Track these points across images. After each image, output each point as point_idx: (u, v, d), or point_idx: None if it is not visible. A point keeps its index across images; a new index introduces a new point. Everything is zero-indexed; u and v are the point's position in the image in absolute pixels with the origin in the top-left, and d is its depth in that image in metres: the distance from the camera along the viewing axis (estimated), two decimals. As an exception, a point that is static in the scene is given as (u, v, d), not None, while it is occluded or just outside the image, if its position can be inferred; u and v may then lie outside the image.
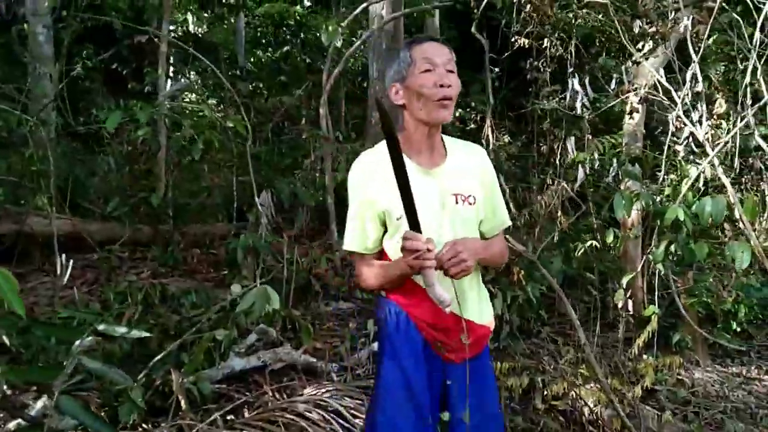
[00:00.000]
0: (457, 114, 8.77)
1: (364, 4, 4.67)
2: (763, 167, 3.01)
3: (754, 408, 3.56)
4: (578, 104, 3.78)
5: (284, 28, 9.79)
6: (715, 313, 4.00)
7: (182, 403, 2.57)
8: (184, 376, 2.71)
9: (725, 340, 3.86)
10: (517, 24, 5.24)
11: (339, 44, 3.93)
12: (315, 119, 5.29)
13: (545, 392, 3.25)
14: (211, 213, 5.29)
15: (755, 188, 3.95)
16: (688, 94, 3.22)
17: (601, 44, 4.51)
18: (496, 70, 8.73)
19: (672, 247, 3.22)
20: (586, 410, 3.10)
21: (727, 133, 3.09)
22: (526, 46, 4.68)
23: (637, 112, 4.16)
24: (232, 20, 9.61)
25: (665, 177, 3.30)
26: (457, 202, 1.72)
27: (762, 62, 3.07)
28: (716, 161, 3.06)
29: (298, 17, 8.87)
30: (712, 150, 3.07)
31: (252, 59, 10.12)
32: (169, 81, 6.26)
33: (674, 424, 3.04)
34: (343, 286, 4.45)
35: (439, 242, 1.62)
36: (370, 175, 1.71)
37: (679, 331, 3.92)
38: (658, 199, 3.29)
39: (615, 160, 4.04)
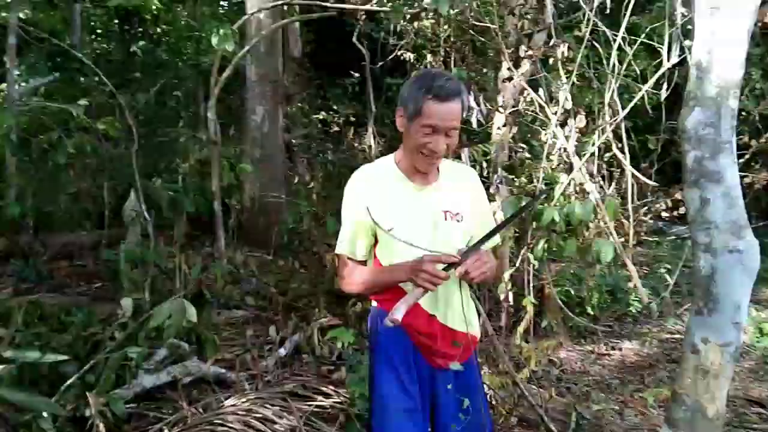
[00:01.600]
0: (321, 117, 8.94)
1: (247, 15, 4.64)
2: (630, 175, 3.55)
3: (608, 379, 4.17)
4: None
5: (133, 21, 9.20)
6: (573, 300, 4.60)
7: (101, 427, 2.43)
8: (94, 398, 2.55)
9: (584, 321, 4.45)
10: (394, 36, 5.55)
11: (231, 48, 3.88)
12: (193, 121, 5.11)
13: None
14: (77, 221, 4.88)
15: (618, 192, 4.61)
16: (556, 112, 3.69)
17: (475, 59, 4.94)
18: (356, 75, 9.05)
19: (545, 244, 3.70)
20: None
21: (592, 145, 3.60)
22: (407, 59, 4.94)
23: (507, 125, 4.63)
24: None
25: (539, 183, 3.74)
26: (446, 219, 1.82)
27: (616, 84, 3.63)
28: (583, 170, 3.55)
29: (155, 11, 8.38)
30: (580, 160, 3.56)
31: (88, 51, 9.32)
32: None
33: (556, 401, 3.48)
34: (234, 294, 4.39)
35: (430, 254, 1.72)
36: (366, 187, 1.82)
37: (545, 317, 4.45)
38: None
39: (487, 168, 4.48)
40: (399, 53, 5.06)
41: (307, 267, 4.99)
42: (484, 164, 4.64)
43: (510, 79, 4.25)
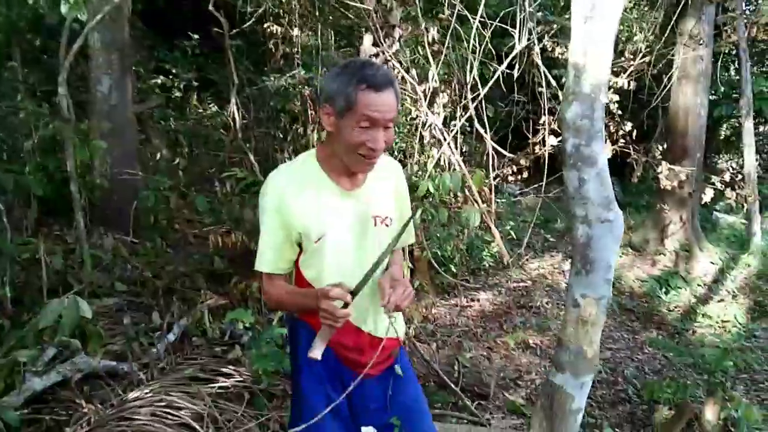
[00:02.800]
0: (160, 82, 8.42)
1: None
2: (490, 149, 3.94)
3: (473, 328, 4.68)
4: None
5: None
6: (439, 260, 5.04)
7: (-1, 441, 2.26)
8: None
9: (447, 278, 4.89)
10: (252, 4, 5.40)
11: (84, 17, 3.54)
12: (33, 94, 4.58)
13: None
14: None
15: (482, 166, 5.05)
16: (425, 90, 3.96)
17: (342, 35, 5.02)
18: (196, 37, 8.62)
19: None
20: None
21: (459, 120, 3.94)
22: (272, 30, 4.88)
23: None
24: None
25: (415, 158, 4.02)
26: (375, 224, 1.69)
27: (477, 64, 3.98)
28: (451, 145, 3.88)
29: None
30: (449, 136, 3.88)
31: None
32: None
33: (436, 353, 3.86)
34: (103, 281, 4.14)
35: (361, 265, 1.60)
36: (289, 192, 1.61)
37: (416, 278, 4.83)
38: (410, 175, 4.01)
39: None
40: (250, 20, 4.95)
41: (176, 247, 4.84)
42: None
43: (376, 55, 4.43)
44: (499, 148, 4.16)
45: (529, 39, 3.98)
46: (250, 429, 2.82)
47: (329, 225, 1.63)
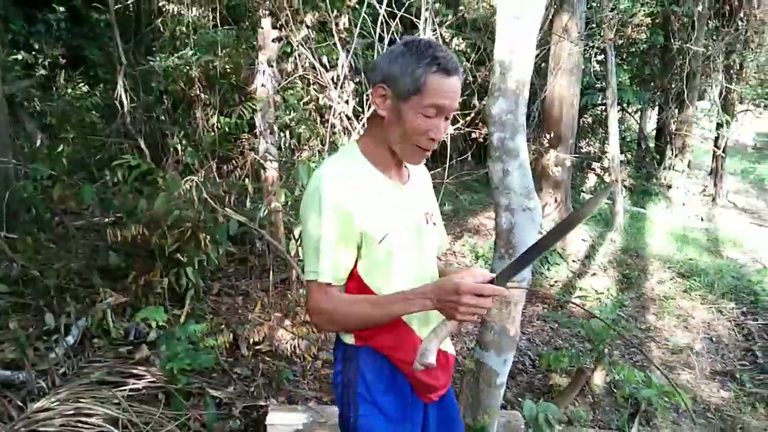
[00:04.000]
0: (20, 58, 7.62)
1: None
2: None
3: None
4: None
5: None
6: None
7: None
8: None
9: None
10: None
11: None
12: None
13: (249, 341, 3.67)
14: None
15: None
16: (333, 77, 3.95)
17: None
18: (62, 9, 7.92)
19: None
20: (288, 346, 3.66)
21: (369, 109, 3.97)
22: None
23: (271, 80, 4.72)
24: None
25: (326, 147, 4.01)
26: (427, 222, 1.54)
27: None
28: (361, 132, 3.92)
29: None
30: (358, 124, 3.92)
31: None
32: None
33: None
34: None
35: (421, 268, 1.49)
36: (347, 187, 1.38)
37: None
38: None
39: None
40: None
41: (60, 243, 4.46)
42: (258, 122, 4.68)
43: (279, 39, 4.34)
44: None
45: (434, 31, 4.10)
46: (171, 430, 2.72)
47: (391, 222, 1.43)
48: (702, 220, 9.57)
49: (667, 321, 5.53)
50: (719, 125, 10.52)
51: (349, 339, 1.48)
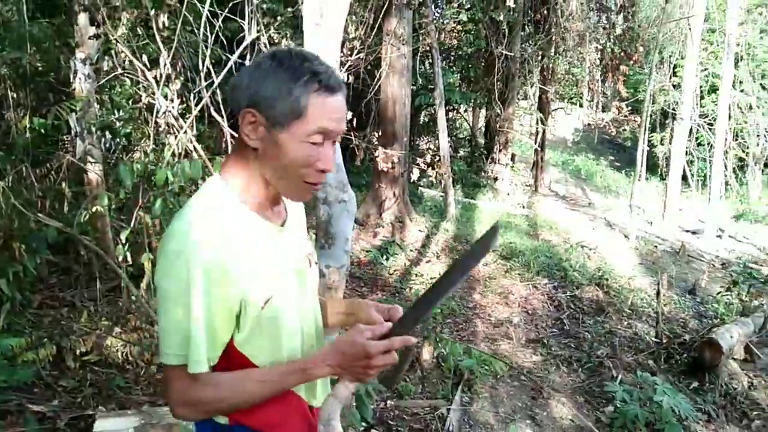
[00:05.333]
0: None
1: None
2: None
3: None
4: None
5: None
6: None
7: None
8: None
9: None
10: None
11: None
12: None
13: (75, 352, 3.51)
14: None
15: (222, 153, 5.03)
16: (156, 75, 3.89)
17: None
18: None
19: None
20: (119, 354, 3.56)
21: (195, 107, 3.95)
22: None
23: (88, 78, 4.50)
24: None
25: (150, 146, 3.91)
26: (310, 265, 1.31)
27: (210, 52, 4.05)
28: (189, 132, 3.91)
29: None
30: (185, 123, 3.90)
31: None
32: None
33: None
34: None
35: (308, 319, 1.28)
36: (220, 247, 1.08)
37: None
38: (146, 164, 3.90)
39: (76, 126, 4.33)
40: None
41: None
42: (72, 123, 4.44)
43: (98, 36, 4.16)
44: (235, 133, 4.30)
45: (258, 30, 4.18)
46: (-16, 452, 2.55)
47: (275, 280, 1.17)
48: (523, 207, 10.64)
49: (490, 298, 6.14)
50: (540, 121, 11.76)
51: (220, 418, 1.18)
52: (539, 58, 11.47)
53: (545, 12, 10.64)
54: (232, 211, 1.14)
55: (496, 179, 11.63)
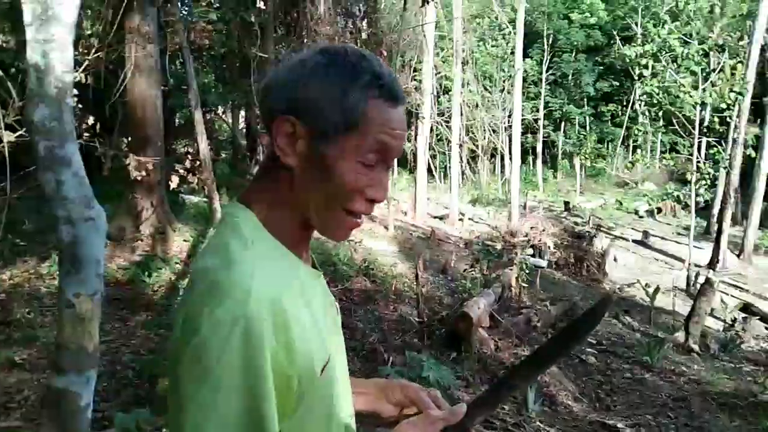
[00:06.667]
0: None
1: None
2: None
3: None
4: None
5: None
6: None
7: None
8: None
9: None
10: None
11: None
12: None
13: None
14: None
15: None
16: None
17: None
18: None
19: None
20: None
21: None
22: None
23: None
24: None
25: None
26: (338, 314, 1.02)
27: None
28: None
29: None
30: None
31: None
32: None
33: None
34: None
35: (346, 386, 0.99)
36: (283, 305, 0.78)
37: None
38: None
39: None
40: None
41: None
42: None
43: None
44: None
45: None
46: None
47: (329, 335, 0.91)
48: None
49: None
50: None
51: None
52: (293, 59, 11.66)
53: (296, 15, 10.85)
54: (274, 256, 0.85)
55: (259, 181, 11.57)
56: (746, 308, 10.11)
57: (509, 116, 21.17)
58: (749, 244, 18.67)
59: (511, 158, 18.54)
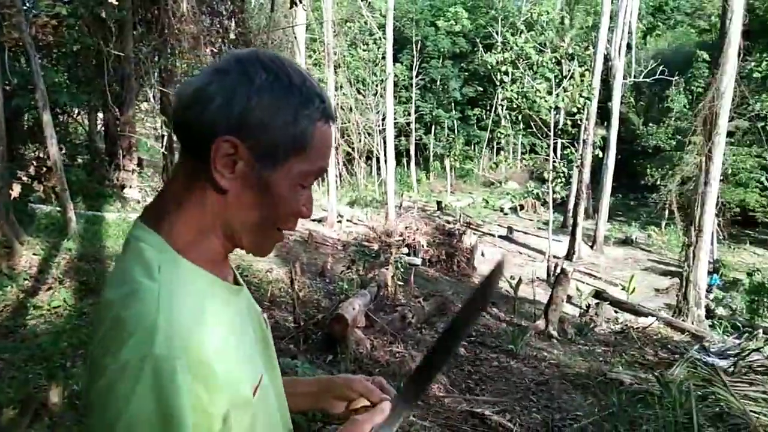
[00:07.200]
0: None
1: None
2: None
3: None
4: None
5: None
6: None
7: None
8: None
9: None
10: None
11: None
12: None
13: None
14: None
15: None
16: None
17: None
18: None
19: None
20: None
21: None
22: None
23: None
24: None
25: None
26: (267, 325, 0.99)
27: None
28: None
29: None
30: None
31: None
32: None
33: None
34: None
35: (282, 405, 0.95)
36: (203, 337, 0.72)
37: None
38: None
39: None
40: None
41: None
42: None
43: None
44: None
45: None
46: None
47: (256, 355, 0.87)
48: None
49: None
50: (165, 124, 11.35)
51: None
52: (156, 59, 11.06)
53: (156, 12, 10.30)
54: (192, 279, 0.77)
55: (123, 187, 10.84)
56: (598, 294, 11.10)
57: (383, 119, 21.67)
58: (600, 235, 20.62)
59: (386, 160, 18.97)
